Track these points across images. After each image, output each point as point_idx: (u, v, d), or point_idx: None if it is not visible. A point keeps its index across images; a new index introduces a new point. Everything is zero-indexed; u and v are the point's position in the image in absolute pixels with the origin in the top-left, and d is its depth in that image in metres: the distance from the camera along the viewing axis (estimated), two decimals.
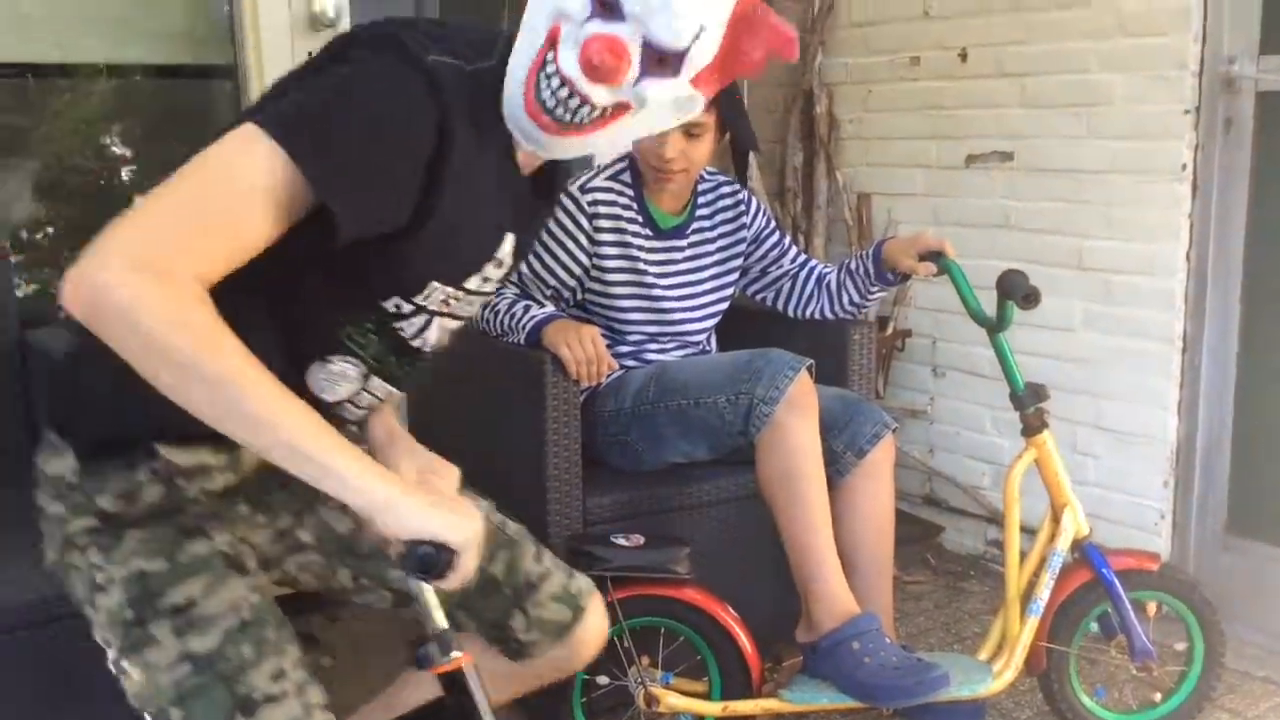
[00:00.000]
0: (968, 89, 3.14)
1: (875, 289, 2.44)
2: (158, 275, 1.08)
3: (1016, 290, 2.10)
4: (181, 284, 1.10)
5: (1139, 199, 2.79)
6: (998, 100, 3.07)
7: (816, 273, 2.52)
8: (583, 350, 2.13)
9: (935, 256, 2.29)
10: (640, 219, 2.37)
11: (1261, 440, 2.71)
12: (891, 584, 2.33)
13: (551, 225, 2.31)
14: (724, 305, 2.50)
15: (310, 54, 1.33)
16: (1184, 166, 2.70)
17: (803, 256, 2.56)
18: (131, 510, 1.31)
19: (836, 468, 2.26)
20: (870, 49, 3.39)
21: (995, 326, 2.18)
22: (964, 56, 3.14)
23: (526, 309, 2.23)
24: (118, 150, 2.74)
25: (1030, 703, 2.40)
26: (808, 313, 2.53)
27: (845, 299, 2.48)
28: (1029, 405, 2.16)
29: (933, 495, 3.38)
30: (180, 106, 2.80)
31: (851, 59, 3.45)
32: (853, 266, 2.45)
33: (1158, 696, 2.29)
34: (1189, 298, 2.75)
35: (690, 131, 2.22)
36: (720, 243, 2.47)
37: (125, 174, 2.76)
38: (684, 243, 2.42)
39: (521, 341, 2.21)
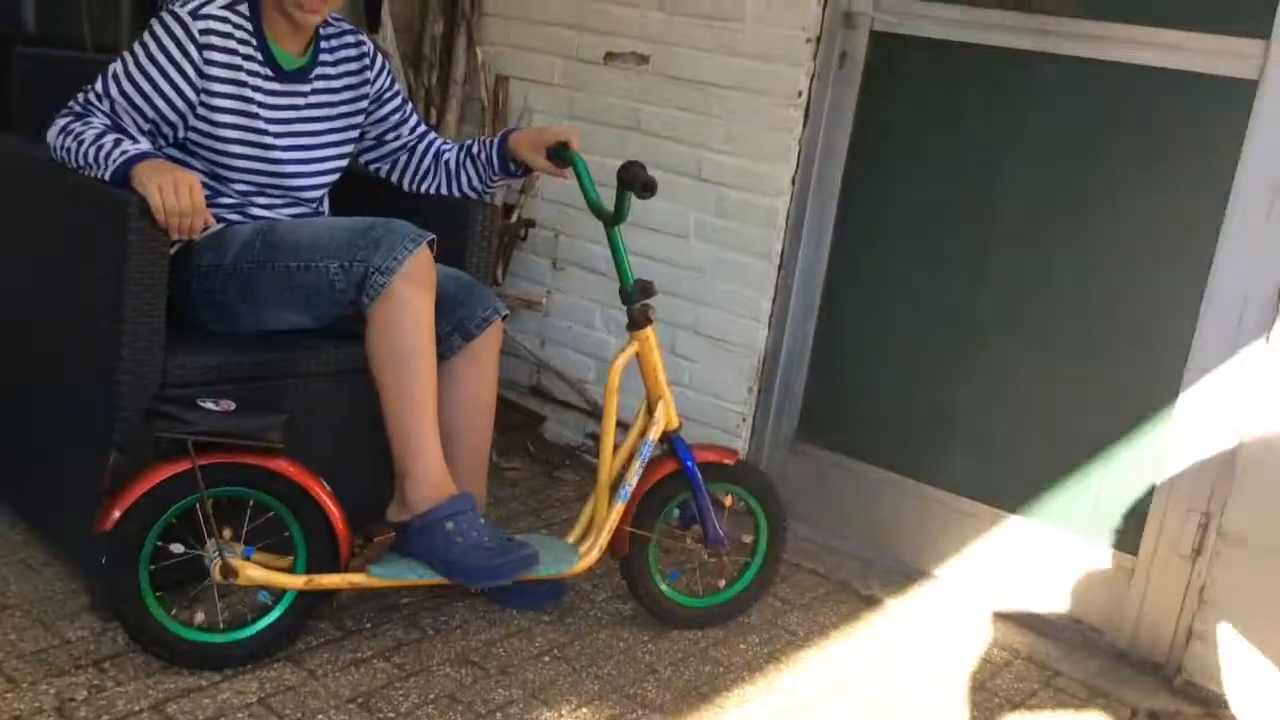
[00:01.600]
0: None
1: (497, 178, 2.42)
2: None
3: (635, 180, 2.15)
4: None
5: (758, 119, 2.92)
6: (640, 1, 3.09)
7: (435, 148, 2.46)
8: (176, 199, 1.93)
9: (561, 149, 2.29)
10: (260, 57, 2.19)
11: (834, 356, 2.96)
12: (487, 467, 2.35)
13: (153, 49, 2.08)
14: (342, 164, 2.37)
15: None
16: (800, 94, 2.85)
17: (422, 128, 2.48)
18: None
19: (442, 349, 2.23)
20: None
21: (612, 219, 2.23)
22: None
23: (117, 143, 1.99)
24: None
25: (607, 585, 2.52)
26: (422, 188, 2.47)
27: (465, 180, 2.44)
28: (636, 300, 2.24)
29: (540, 386, 3.44)
30: None
31: None
32: (475, 150, 2.41)
33: (722, 584, 2.47)
34: (790, 218, 2.93)
35: None
36: (345, 94, 2.34)
37: None
38: (306, 88, 2.27)
39: (106, 178, 1.97)
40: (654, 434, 2.29)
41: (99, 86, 2.08)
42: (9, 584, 2.21)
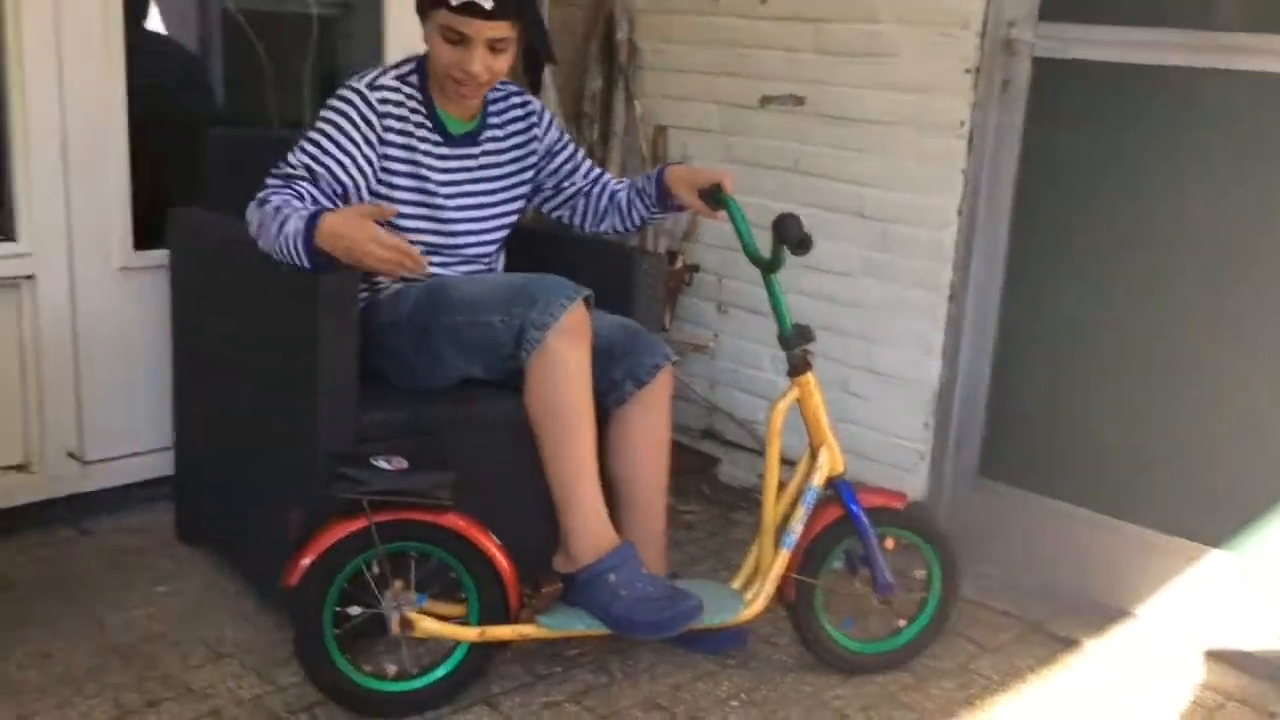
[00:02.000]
0: (765, 30, 3.17)
1: (657, 211, 2.47)
2: None
3: (790, 236, 2.13)
4: None
5: (919, 152, 2.88)
6: (793, 44, 3.11)
7: (609, 189, 2.52)
8: (382, 249, 1.99)
9: (714, 190, 2.31)
10: (430, 124, 2.28)
11: (1015, 389, 2.88)
12: (665, 513, 2.36)
13: (339, 121, 2.19)
14: (511, 221, 2.45)
15: None
16: (962, 123, 2.81)
17: (596, 171, 2.55)
18: None
19: (615, 396, 2.27)
20: None
21: (768, 267, 2.22)
22: None
23: (284, 223, 2.03)
24: None
25: (788, 629, 2.50)
26: (602, 228, 2.54)
27: (635, 216, 2.50)
28: (794, 346, 2.22)
29: (711, 429, 3.45)
30: None
31: None
32: (640, 186, 2.47)
33: (901, 623, 2.41)
34: (959, 250, 2.87)
35: (495, 46, 2.16)
36: (513, 154, 2.42)
37: None
38: (476, 150, 2.35)
39: (296, 250, 2.02)
40: (818, 480, 2.25)
41: (291, 160, 2.19)
42: (225, 633, 2.33)
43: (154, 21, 2.95)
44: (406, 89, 2.26)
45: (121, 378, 2.77)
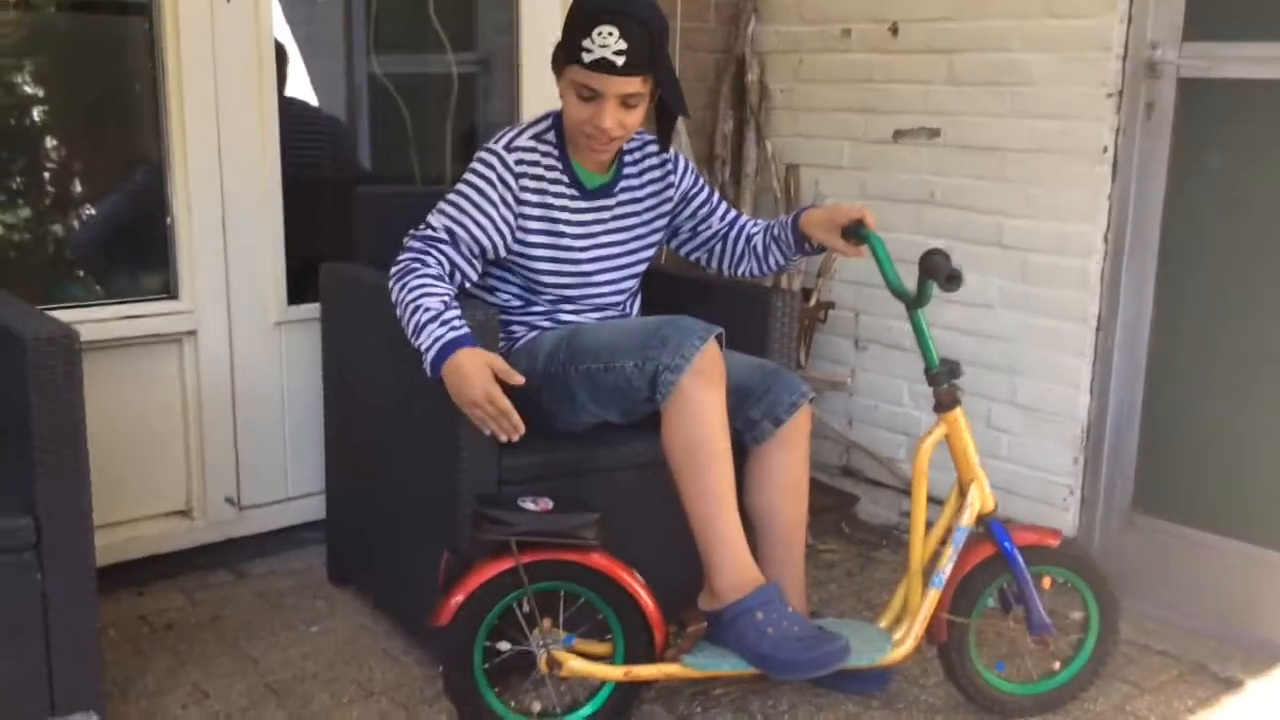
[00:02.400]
0: (897, 63, 3.15)
1: (794, 255, 2.46)
2: None
3: (939, 271, 2.08)
4: None
5: (1060, 179, 2.82)
6: (926, 76, 3.08)
7: (745, 232, 2.53)
8: (483, 414, 2.06)
9: (856, 226, 2.29)
10: (566, 179, 2.33)
11: (1169, 420, 2.77)
12: (804, 552, 2.34)
13: (480, 184, 2.25)
14: (642, 268, 2.47)
15: None
16: (1105, 149, 2.73)
17: (732, 214, 2.56)
18: None
19: (754, 435, 2.27)
20: (803, 18, 3.39)
21: (914, 302, 2.17)
22: (894, 31, 3.14)
23: (426, 323, 2.09)
24: (29, 89, 2.66)
25: (936, 669, 2.43)
26: (739, 272, 2.55)
27: (772, 260, 2.50)
28: (943, 382, 2.17)
29: (850, 466, 3.41)
30: (92, 42, 2.71)
31: (784, 27, 3.44)
32: (775, 232, 2.46)
33: (1057, 665, 2.33)
34: (1105, 278, 2.79)
35: (627, 102, 2.20)
36: (648, 202, 2.45)
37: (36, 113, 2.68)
38: (611, 202, 2.39)
39: (423, 355, 2.09)
40: (968, 518, 2.20)
41: (434, 222, 2.25)
42: (374, 672, 2.40)
43: (304, 89, 3.10)
44: (543, 146, 2.32)
45: (276, 426, 2.90)
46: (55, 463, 1.80)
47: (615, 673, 2.10)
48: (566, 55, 2.19)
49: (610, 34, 2.11)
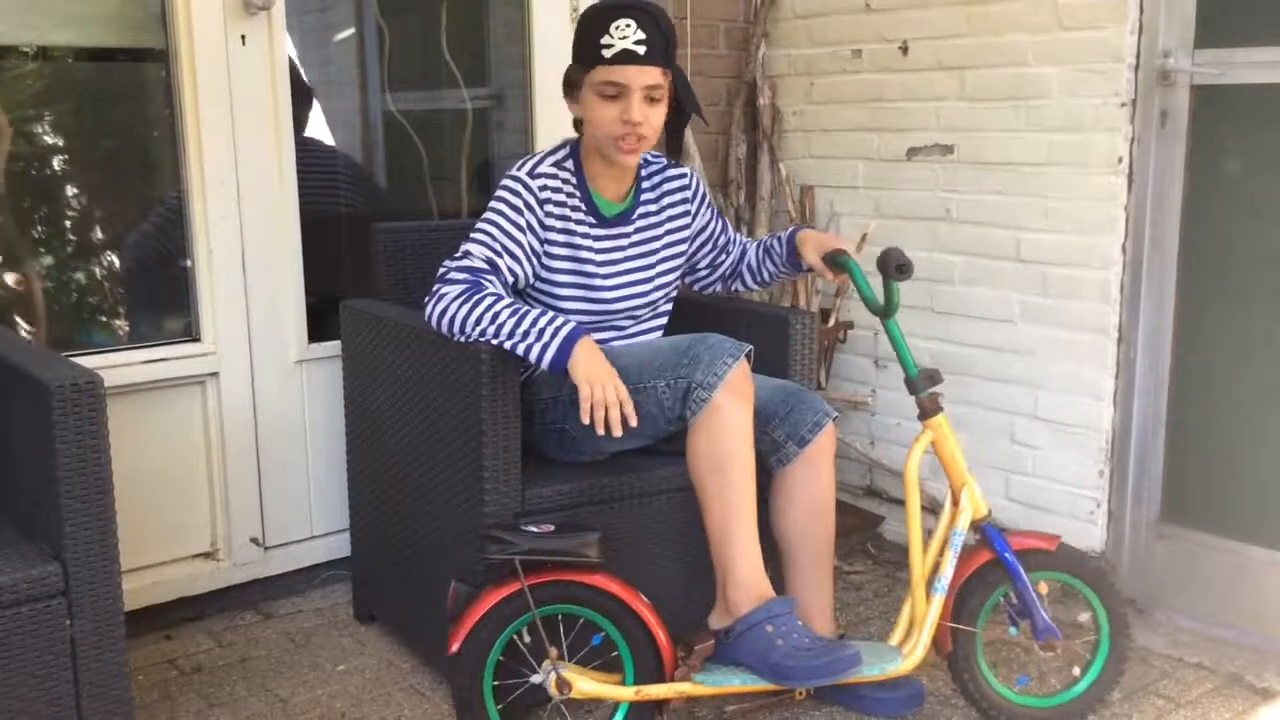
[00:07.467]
0: (909, 82, 3.15)
1: (786, 270, 2.55)
2: None
3: (890, 264, 2.16)
4: None
5: (1076, 192, 2.81)
6: (938, 93, 3.08)
7: (744, 250, 2.62)
8: (604, 394, 2.05)
9: (836, 255, 2.36)
10: (584, 208, 2.34)
11: (1195, 429, 2.74)
12: (832, 573, 2.33)
13: (510, 214, 2.26)
14: (659, 294, 2.45)
15: (242, 38, 1.31)
16: (1120, 159, 2.72)
17: (738, 239, 2.62)
18: None
19: (778, 456, 2.26)
20: (813, 41, 3.40)
21: (884, 312, 2.24)
22: (905, 49, 3.15)
23: (538, 316, 2.10)
24: (49, 138, 2.69)
25: None
26: (734, 287, 2.64)
27: (765, 274, 2.59)
28: (923, 390, 2.22)
29: (873, 486, 3.39)
30: (110, 90, 2.75)
31: (794, 50, 3.45)
32: (769, 245, 2.54)
33: (1077, 672, 2.31)
34: (1124, 289, 2.77)
35: (651, 95, 2.22)
36: (668, 225, 2.46)
37: (57, 162, 2.71)
38: (630, 229, 2.40)
39: (545, 358, 2.07)
40: (962, 523, 2.21)
41: (473, 252, 2.22)
42: (402, 709, 2.39)
43: (321, 128, 3.12)
44: (563, 174, 2.33)
45: (299, 464, 2.90)
46: (81, 509, 1.81)
47: (626, 693, 2.10)
48: (586, 60, 2.22)
49: (629, 25, 2.17)
